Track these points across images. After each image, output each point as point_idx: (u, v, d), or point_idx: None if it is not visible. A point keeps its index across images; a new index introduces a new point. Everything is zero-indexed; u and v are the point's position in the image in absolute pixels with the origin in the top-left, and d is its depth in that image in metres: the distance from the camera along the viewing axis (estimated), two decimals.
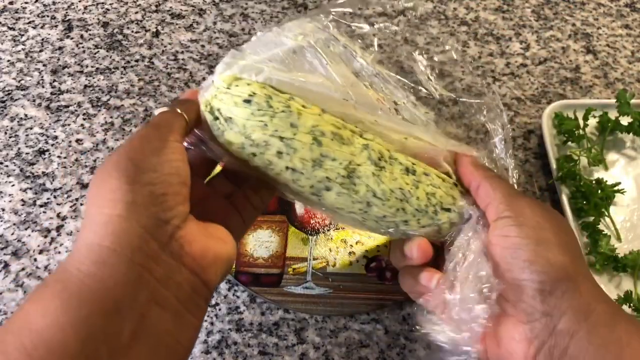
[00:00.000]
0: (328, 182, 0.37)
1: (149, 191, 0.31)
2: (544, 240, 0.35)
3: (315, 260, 0.53)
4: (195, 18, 0.73)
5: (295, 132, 0.36)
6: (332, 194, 0.38)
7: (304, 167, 0.37)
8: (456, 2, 0.77)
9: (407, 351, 0.49)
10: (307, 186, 0.37)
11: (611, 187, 0.55)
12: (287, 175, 0.37)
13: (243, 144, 0.36)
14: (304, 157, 0.36)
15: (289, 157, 0.36)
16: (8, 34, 0.70)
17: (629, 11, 0.77)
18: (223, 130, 0.36)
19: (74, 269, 0.29)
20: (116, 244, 0.29)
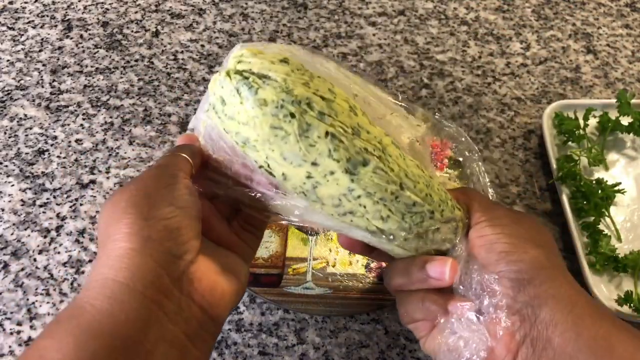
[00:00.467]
0: (366, 153, 0.34)
1: (163, 226, 0.32)
2: (517, 235, 0.36)
3: (315, 260, 0.53)
4: (195, 18, 0.72)
5: (334, 97, 0.34)
6: (369, 170, 0.34)
7: (344, 133, 0.34)
8: (456, 1, 0.77)
9: (407, 351, 0.49)
10: (344, 159, 0.33)
11: (611, 187, 0.55)
12: (323, 145, 0.33)
13: (282, 100, 0.33)
14: (344, 123, 0.34)
15: (330, 120, 0.33)
16: (7, 33, 0.70)
17: (629, 11, 0.77)
18: (257, 88, 0.33)
19: (87, 305, 0.30)
20: (129, 279, 0.30)
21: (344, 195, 0.34)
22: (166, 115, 0.63)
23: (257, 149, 0.34)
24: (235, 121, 0.34)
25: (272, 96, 0.33)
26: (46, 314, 0.49)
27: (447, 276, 0.36)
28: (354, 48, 0.70)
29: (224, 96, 0.34)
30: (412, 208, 0.36)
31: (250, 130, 0.33)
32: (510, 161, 0.61)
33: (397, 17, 0.74)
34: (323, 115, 0.33)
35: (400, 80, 0.67)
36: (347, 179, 0.34)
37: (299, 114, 0.33)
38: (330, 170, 0.34)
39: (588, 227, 0.54)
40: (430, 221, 0.37)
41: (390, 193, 0.35)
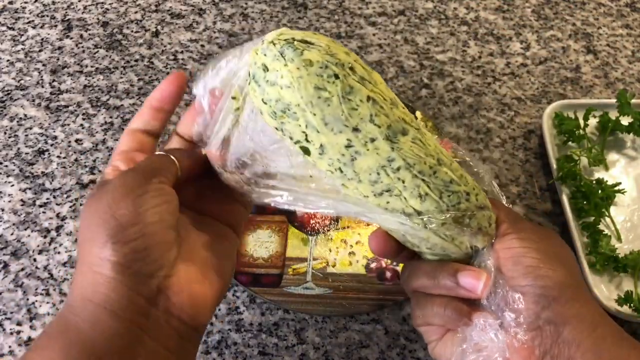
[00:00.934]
0: (405, 123, 0.34)
1: (131, 248, 0.31)
2: (545, 251, 0.35)
3: (315, 260, 0.53)
4: (195, 18, 0.72)
5: (370, 71, 0.34)
6: (408, 139, 0.34)
7: (384, 101, 0.34)
8: (456, 1, 0.77)
9: (407, 351, 0.49)
10: (385, 125, 0.33)
11: (611, 187, 0.55)
12: (365, 109, 0.33)
13: (327, 61, 0.32)
14: (383, 91, 0.34)
15: (371, 87, 0.33)
16: (7, 33, 0.70)
17: (629, 11, 0.77)
18: (302, 50, 0.33)
19: (73, 323, 0.30)
20: (106, 302, 0.30)
21: (383, 167, 0.34)
22: None
23: (297, 115, 0.33)
24: (277, 86, 0.33)
25: (317, 57, 0.32)
26: (46, 314, 0.49)
27: (480, 289, 0.35)
28: (354, 48, 0.70)
29: (267, 62, 0.33)
30: (449, 186, 0.35)
31: (292, 94, 0.33)
32: (510, 161, 0.61)
33: (397, 17, 0.74)
34: (364, 80, 0.33)
35: (400, 80, 0.67)
36: (387, 147, 0.33)
37: (343, 76, 0.33)
38: (372, 137, 0.33)
39: (588, 227, 0.54)
40: (467, 204, 0.35)
41: (429, 167, 0.34)
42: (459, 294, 0.36)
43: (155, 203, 0.33)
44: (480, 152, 0.62)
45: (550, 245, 0.36)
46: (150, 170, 0.34)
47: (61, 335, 0.30)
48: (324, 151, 0.34)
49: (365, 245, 0.54)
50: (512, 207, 0.58)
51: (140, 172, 0.34)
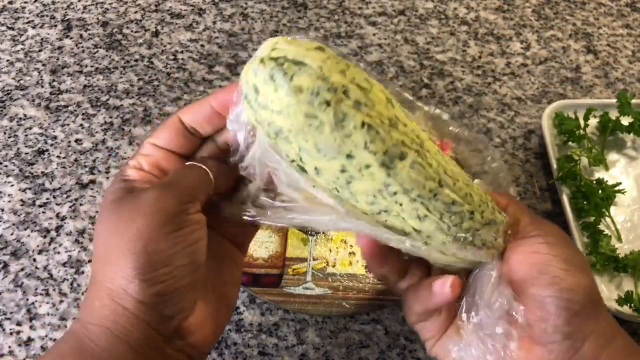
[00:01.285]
0: (403, 147, 0.33)
1: (157, 291, 0.30)
2: (572, 261, 0.34)
3: (315, 260, 0.53)
4: (194, 18, 0.72)
5: (371, 86, 0.33)
6: (406, 164, 0.33)
7: (381, 124, 0.32)
8: (456, 1, 0.77)
9: (407, 352, 0.49)
10: (380, 152, 0.32)
11: (612, 187, 0.55)
12: (359, 136, 0.32)
13: (318, 88, 0.31)
14: (381, 113, 0.32)
15: (367, 110, 0.32)
16: (7, 33, 0.70)
17: (629, 11, 0.77)
18: (292, 75, 0.31)
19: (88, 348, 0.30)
20: (126, 335, 0.30)
21: (380, 191, 0.33)
22: (166, 116, 0.63)
23: (289, 140, 0.32)
24: (268, 110, 0.32)
25: (307, 83, 0.31)
26: (46, 314, 0.49)
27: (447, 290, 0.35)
28: (354, 48, 0.70)
29: (258, 84, 0.32)
30: (451, 207, 0.34)
31: (283, 120, 0.32)
32: (510, 161, 0.61)
33: (397, 17, 0.74)
34: (359, 104, 0.32)
35: (400, 80, 0.67)
36: (383, 174, 0.32)
37: (335, 103, 0.31)
38: (366, 164, 0.32)
39: (588, 227, 0.54)
40: (470, 222, 0.35)
41: (428, 190, 0.33)
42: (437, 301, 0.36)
43: (190, 241, 0.31)
44: (480, 152, 0.62)
45: (575, 253, 0.35)
46: (189, 193, 0.32)
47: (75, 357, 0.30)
48: (319, 173, 0.33)
49: None
50: None
51: (178, 195, 0.31)
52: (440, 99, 0.66)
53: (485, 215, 0.35)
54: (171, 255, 0.30)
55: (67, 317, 0.49)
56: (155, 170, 0.34)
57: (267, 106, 0.32)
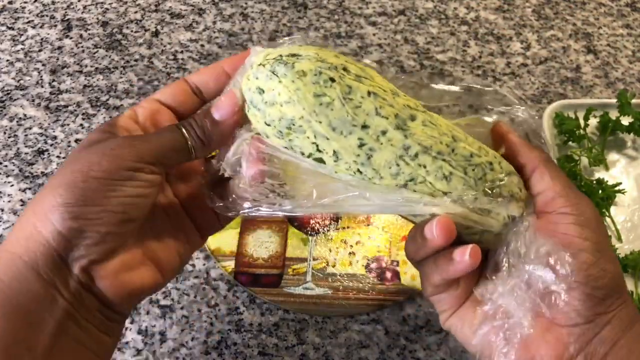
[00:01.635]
0: (410, 109, 0.34)
1: (79, 226, 0.30)
2: (602, 246, 0.33)
3: (315, 260, 0.53)
4: (194, 17, 0.72)
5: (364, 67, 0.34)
6: (418, 123, 0.34)
7: (385, 92, 0.34)
8: (456, 1, 0.77)
9: (407, 352, 0.49)
10: (392, 115, 0.33)
11: (612, 187, 0.55)
12: (369, 103, 0.33)
13: (320, 68, 0.32)
14: (381, 84, 0.34)
15: (369, 82, 0.33)
16: (7, 33, 0.70)
17: (629, 11, 0.77)
18: (292, 63, 0.33)
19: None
20: (34, 261, 0.30)
21: (401, 157, 0.33)
22: None
23: (303, 129, 0.33)
24: (277, 105, 0.33)
25: (309, 66, 0.33)
26: None
27: (435, 233, 0.33)
28: (354, 48, 0.70)
29: (260, 85, 0.33)
30: (470, 160, 0.34)
31: (294, 108, 0.32)
32: None
33: (397, 16, 0.74)
34: (360, 77, 0.33)
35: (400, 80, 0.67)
36: (400, 136, 0.33)
37: (339, 78, 0.33)
38: (382, 130, 0.33)
39: None
40: (492, 173, 0.34)
41: (445, 145, 0.34)
42: (429, 248, 0.34)
43: (129, 194, 0.31)
44: None
45: (605, 237, 0.34)
46: (153, 155, 0.32)
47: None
48: (339, 157, 0.33)
49: (366, 245, 0.54)
50: None
51: (140, 152, 0.32)
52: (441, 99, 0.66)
53: (504, 166, 0.35)
54: (104, 198, 0.30)
55: None
56: (149, 122, 0.35)
57: (275, 100, 0.33)
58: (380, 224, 0.55)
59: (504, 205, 0.35)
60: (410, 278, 0.52)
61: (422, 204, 0.34)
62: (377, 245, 0.54)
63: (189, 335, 0.49)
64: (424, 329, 0.50)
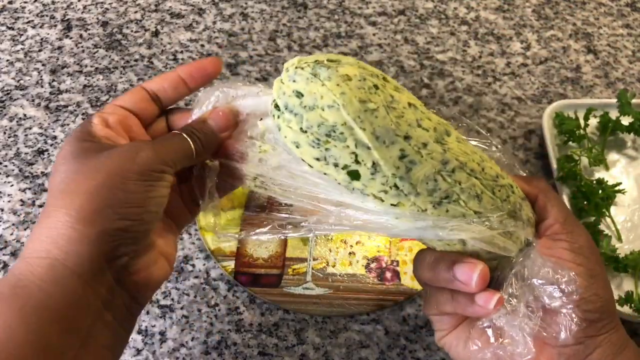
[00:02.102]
0: (445, 126, 0.34)
1: (125, 226, 0.31)
2: (595, 272, 0.34)
3: (315, 260, 0.53)
4: (194, 17, 0.72)
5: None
6: (453, 139, 0.33)
7: (421, 106, 0.33)
8: (457, 1, 0.77)
9: (408, 352, 0.49)
10: (431, 128, 0.32)
11: (612, 187, 0.55)
12: (410, 114, 0.32)
13: (363, 75, 0.32)
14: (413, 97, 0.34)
15: (406, 94, 0.33)
16: (7, 33, 0.70)
17: (629, 11, 0.77)
18: (335, 67, 0.32)
19: (34, 286, 0.30)
20: (75, 264, 0.30)
21: (439, 172, 0.32)
22: None
23: (344, 136, 0.31)
24: (317, 109, 0.31)
25: (353, 71, 0.32)
26: None
27: (474, 282, 0.33)
28: (354, 48, 0.70)
29: (299, 88, 0.32)
30: (497, 180, 0.34)
31: (337, 113, 0.31)
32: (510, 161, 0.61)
33: (397, 16, 0.74)
34: (398, 89, 0.33)
35: (400, 80, 0.67)
36: (440, 149, 0.32)
37: (382, 86, 0.32)
38: (423, 142, 0.32)
39: (588, 227, 0.54)
40: (514, 196, 0.35)
41: (477, 164, 0.33)
42: (456, 287, 0.35)
43: (163, 194, 0.33)
44: None
45: (598, 264, 0.35)
46: (170, 158, 0.34)
47: (18, 299, 0.29)
48: (377, 169, 0.32)
49: (366, 245, 0.54)
50: None
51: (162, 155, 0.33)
52: (441, 99, 0.66)
53: (519, 191, 0.35)
54: (145, 199, 0.32)
55: None
56: (119, 127, 0.36)
57: (316, 105, 0.31)
58: None
59: (523, 228, 0.35)
60: (410, 278, 0.52)
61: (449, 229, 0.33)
62: (377, 245, 0.54)
63: (188, 335, 0.49)
64: (424, 329, 0.50)
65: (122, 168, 0.32)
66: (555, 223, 0.35)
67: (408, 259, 0.53)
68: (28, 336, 0.28)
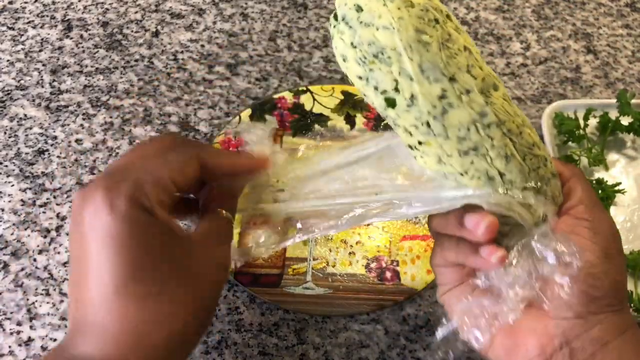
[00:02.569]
0: (494, 79, 0.33)
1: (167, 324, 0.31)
2: (611, 254, 0.34)
3: (315, 260, 0.53)
4: (194, 18, 0.72)
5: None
6: (499, 95, 0.33)
7: (477, 53, 0.33)
8: (456, 1, 0.77)
9: (407, 351, 0.49)
10: (480, 77, 0.32)
11: (612, 187, 0.55)
12: (463, 58, 0.32)
13: (427, 5, 0.31)
14: (471, 43, 0.33)
15: (464, 37, 0.33)
16: (7, 33, 0.70)
17: (629, 11, 0.77)
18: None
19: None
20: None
21: (475, 122, 0.32)
22: (166, 115, 0.63)
23: (390, 61, 0.31)
24: (372, 28, 0.31)
25: (418, 0, 0.31)
26: (46, 314, 0.49)
27: (481, 230, 0.33)
28: None
29: (361, 3, 0.31)
30: (532, 149, 0.33)
31: (390, 35, 0.30)
32: None
33: None
34: (458, 29, 0.32)
35: None
36: (482, 100, 0.32)
37: (442, 22, 0.31)
38: (467, 89, 0.31)
39: None
40: (545, 169, 0.34)
41: (516, 126, 0.33)
42: (463, 234, 0.35)
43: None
44: None
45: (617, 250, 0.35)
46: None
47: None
48: (414, 102, 0.32)
49: (366, 245, 0.54)
50: None
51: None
52: None
53: (552, 167, 0.35)
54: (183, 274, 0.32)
55: (67, 317, 0.49)
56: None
57: (372, 23, 0.31)
58: (380, 223, 0.55)
59: (544, 204, 0.34)
60: (410, 278, 0.52)
61: (470, 192, 0.33)
62: (377, 245, 0.54)
63: None
64: (424, 329, 0.50)
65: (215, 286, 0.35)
66: (579, 204, 0.35)
67: (408, 258, 0.53)
68: None
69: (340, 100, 0.63)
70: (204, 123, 0.62)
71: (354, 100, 0.63)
